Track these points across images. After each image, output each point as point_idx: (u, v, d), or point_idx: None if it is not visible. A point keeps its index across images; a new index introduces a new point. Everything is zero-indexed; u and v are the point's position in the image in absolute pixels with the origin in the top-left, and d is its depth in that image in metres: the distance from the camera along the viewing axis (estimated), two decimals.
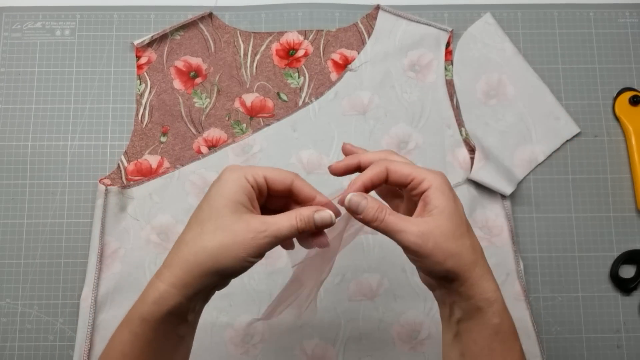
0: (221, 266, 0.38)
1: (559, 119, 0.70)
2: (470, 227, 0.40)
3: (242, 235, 0.38)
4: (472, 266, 0.38)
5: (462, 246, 0.38)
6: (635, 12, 0.74)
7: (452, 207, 0.39)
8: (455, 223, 0.38)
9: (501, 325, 0.39)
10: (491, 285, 0.39)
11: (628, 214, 0.69)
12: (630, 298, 0.67)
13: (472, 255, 0.38)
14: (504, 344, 0.39)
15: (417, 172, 0.40)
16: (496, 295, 0.39)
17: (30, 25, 0.72)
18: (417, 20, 0.72)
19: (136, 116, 0.69)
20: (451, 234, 0.38)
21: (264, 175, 0.40)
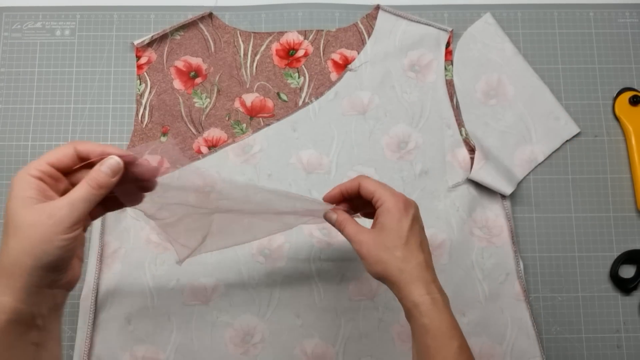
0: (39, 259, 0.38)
1: (559, 119, 0.70)
2: (414, 244, 0.48)
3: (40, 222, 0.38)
4: (398, 273, 0.47)
5: (391, 256, 0.48)
6: (635, 12, 0.74)
7: (392, 225, 0.48)
8: (390, 238, 0.48)
9: (430, 325, 0.46)
10: (418, 290, 0.47)
11: (628, 214, 0.69)
12: (630, 298, 0.67)
13: (400, 264, 0.47)
14: (435, 341, 0.46)
15: (380, 191, 0.50)
16: (423, 299, 0.46)
17: (30, 25, 0.72)
18: (417, 20, 0.72)
19: (136, 116, 0.69)
20: (383, 246, 0.48)
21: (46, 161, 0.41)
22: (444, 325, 0.46)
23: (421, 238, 0.50)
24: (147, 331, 0.63)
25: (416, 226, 0.50)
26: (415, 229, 0.49)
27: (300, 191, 0.67)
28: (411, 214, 0.49)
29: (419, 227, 0.50)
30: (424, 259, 0.48)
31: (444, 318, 0.46)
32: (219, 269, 0.65)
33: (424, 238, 0.50)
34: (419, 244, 0.49)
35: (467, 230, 0.66)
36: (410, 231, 0.48)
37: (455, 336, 0.46)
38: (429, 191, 0.67)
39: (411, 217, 0.49)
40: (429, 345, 0.46)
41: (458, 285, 0.65)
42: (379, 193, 0.50)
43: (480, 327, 0.64)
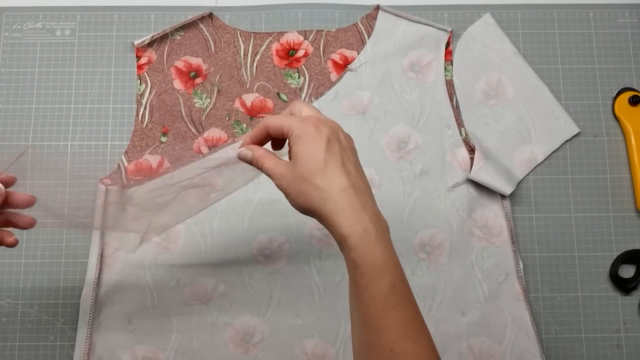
0: None
1: (559, 119, 0.70)
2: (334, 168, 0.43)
3: None
4: (322, 203, 0.43)
5: (310, 186, 0.43)
6: (634, 12, 0.74)
7: (305, 152, 0.43)
8: (306, 166, 0.43)
9: (358, 260, 0.41)
10: (345, 221, 0.42)
11: (628, 214, 0.69)
12: (630, 298, 0.67)
13: (321, 193, 0.42)
14: (364, 278, 0.41)
15: (287, 122, 0.45)
16: (351, 231, 0.42)
17: (30, 26, 0.72)
18: (417, 21, 0.72)
19: (136, 116, 0.69)
20: (301, 176, 0.43)
21: None
22: (374, 260, 0.41)
23: (344, 160, 0.43)
24: (147, 331, 0.63)
25: (334, 147, 0.43)
26: (333, 150, 0.43)
27: None
28: (325, 135, 0.43)
29: (339, 147, 0.44)
30: (349, 184, 0.43)
31: (375, 252, 0.41)
32: (219, 269, 0.65)
33: (349, 159, 0.44)
34: (341, 167, 0.43)
35: (467, 230, 0.66)
36: (327, 154, 0.43)
37: (387, 272, 0.41)
38: (429, 191, 0.67)
39: (325, 138, 0.43)
40: (358, 281, 0.42)
41: (458, 285, 0.65)
42: (286, 124, 0.44)
43: (480, 327, 0.64)
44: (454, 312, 0.64)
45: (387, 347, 0.40)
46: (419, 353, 0.41)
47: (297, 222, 0.66)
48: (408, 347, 0.40)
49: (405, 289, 0.43)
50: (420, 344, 0.41)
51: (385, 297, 0.41)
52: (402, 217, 0.67)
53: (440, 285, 0.65)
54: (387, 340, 0.41)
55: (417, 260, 0.66)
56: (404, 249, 0.66)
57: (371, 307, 0.41)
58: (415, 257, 0.66)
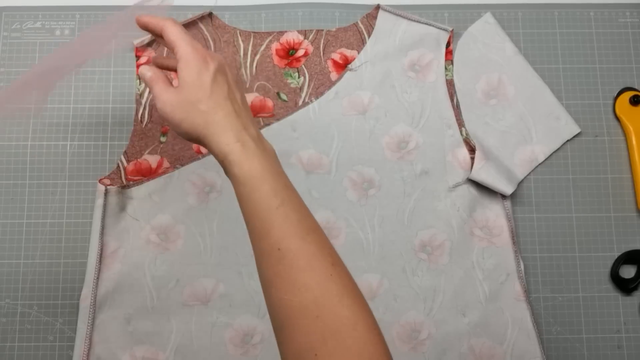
0: None
1: (560, 118, 0.70)
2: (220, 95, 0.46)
3: None
4: (205, 125, 0.45)
5: (195, 111, 0.45)
6: (635, 12, 0.74)
7: (191, 79, 0.45)
8: (192, 92, 0.45)
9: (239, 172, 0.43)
10: (227, 140, 0.44)
11: (628, 214, 0.69)
12: (631, 298, 0.67)
13: (206, 117, 0.45)
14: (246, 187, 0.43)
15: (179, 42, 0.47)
16: (231, 147, 0.44)
17: (30, 25, 0.72)
18: (418, 20, 0.72)
19: (136, 116, 0.69)
20: (187, 101, 0.45)
21: None
22: (254, 171, 0.43)
23: (229, 90, 0.47)
24: (146, 331, 0.63)
25: (221, 79, 0.47)
26: (220, 82, 0.46)
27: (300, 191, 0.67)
28: (213, 67, 0.46)
29: (225, 80, 0.47)
30: (233, 109, 0.45)
31: (254, 163, 0.43)
32: (219, 269, 0.65)
33: (235, 92, 0.47)
34: (226, 95, 0.46)
35: (467, 230, 0.66)
36: (213, 83, 0.46)
37: (267, 179, 0.43)
38: (429, 191, 0.67)
39: (213, 69, 0.46)
40: (241, 192, 0.43)
41: (458, 286, 0.65)
42: (178, 45, 0.47)
43: (480, 328, 0.64)
44: (455, 313, 0.64)
45: (275, 247, 0.41)
46: (306, 249, 0.41)
47: None
48: (294, 243, 0.41)
49: (289, 192, 0.44)
50: (308, 241, 0.42)
51: (267, 201, 0.42)
52: (403, 217, 0.67)
53: (440, 286, 0.65)
54: (273, 241, 0.42)
55: (418, 260, 0.66)
56: (404, 249, 0.66)
57: (255, 213, 0.43)
58: (416, 257, 0.66)
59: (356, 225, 0.66)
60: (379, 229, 0.66)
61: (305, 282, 0.40)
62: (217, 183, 0.67)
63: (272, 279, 0.42)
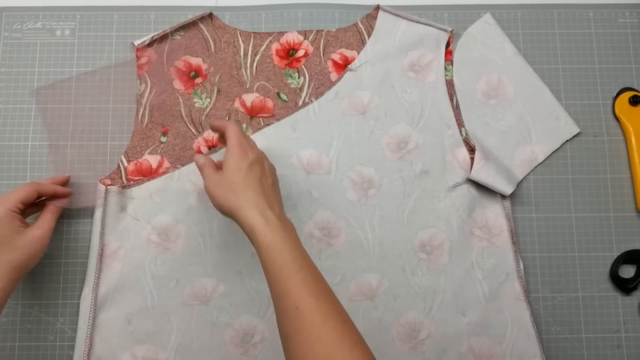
0: None
1: (559, 119, 0.70)
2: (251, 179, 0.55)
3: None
4: (236, 202, 0.53)
5: (229, 190, 0.54)
6: (635, 12, 0.74)
7: (232, 164, 0.55)
8: (231, 175, 0.55)
9: (263, 242, 0.51)
10: (253, 215, 0.52)
11: (628, 214, 0.69)
12: (630, 298, 0.67)
13: (237, 195, 0.53)
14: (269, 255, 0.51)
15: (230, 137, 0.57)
16: (256, 221, 0.52)
17: (30, 25, 0.72)
18: (417, 21, 0.72)
19: (136, 116, 0.69)
20: (225, 182, 0.55)
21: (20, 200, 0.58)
22: (276, 242, 0.51)
23: (261, 175, 0.56)
24: (147, 331, 0.63)
25: (256, 167, 0.56)
26: (254, 169, 0.55)
27: (300, 191, 0.67)
28: (251, 158, 0.56)
29: (260, 168, 0.56)
30: (262, 191, 0.54)
31: (276, 236, 0.51)
32: (219, 269, 0.65)
33: (266, 179, 0.56)
34: (258, 180, 0.55)
35: (467, 230, 0.66)
36: (248, 172, 0.55)
37: (287, 249, 0.50)
38: (429, 191, 0.67)
39: (250, 160, 0.55)
40: (265, 259, 0.51)
41: (458, 285, 0.65)
42: (229, 139, 0.57)
43: (480, 327, 0.64)
44: (455, 312, 0.64)
45: (293, 306, 0.48)
46: (322, 308, 0.48)
47: (297, 222, 0.66)
48: (311, 303, 0.48)
49: (306, 259, 0.51)
50: (323, 300, 0.49)
51: (287, 267, 0.50)
52: (402, 217, 0.67)
53: (440, 286, 0.65)
54: (292, 301, 0.48)
55: (418, 260, 0.66)
56: (404, 249, 0.66)
57: (277, 277, 0.50)
58: (416, 257, 0.66)
59: (356, 225, 0.66)
60: (379, 229, 0.66)
61: (320, 337, 0.46)
62: None
63: (291, 334, 0.48)
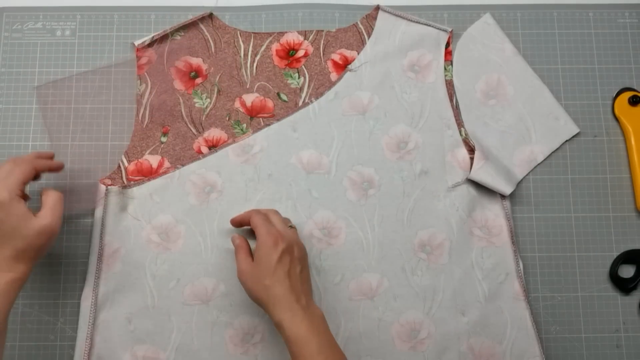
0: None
1: (559, 119, 0.70)
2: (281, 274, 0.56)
3: None
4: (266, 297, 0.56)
5: (261, 285, 0.56)
6: (634, 12, 0.74)
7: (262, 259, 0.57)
8: (261, 269, 0.57)
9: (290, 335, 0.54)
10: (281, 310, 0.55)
11: (627, 214, 0.69)
12: (630, 298, 0.67)
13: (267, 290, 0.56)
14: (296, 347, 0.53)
15: (258, 228, 0.59)
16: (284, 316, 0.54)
17: (30, 26, 0.72)
18: (417, 21, 0.72)
19: (136, 116, 0.69)
20: (256, 276, 0.57)
21: (22, 182, 0.58)
22: (301, 334, 0.53)
23: (290, 267, 0.57)
24: (147, 331, 0.63)
25: (285, 258, 0.57)
26: (284, 261, 0.57)
27: (300, 191, 0.67)
28: (280, 249, 0.57)
29: (290, 259, 0.57)
30: (289, 285, 0.56)
31: (301, 328, 0.54)
32: (220, 269, 0.65)
33: (294, 268, 0.57)
34: (287, 273, 0.56)
35: (466, 230, 0.67)
36: (278, 263, 0.56)
37: (312, 341, 0.53)
38: (429, 191, 0.67)
39: (280, 251, 0.56)
40: (293, 351, 0.54)
41: (458, 285, 0.65)
42: (257, 230, 0.58)
43: (479, 327, 0.64)
44: (454, 312, 0.65)
45: None
46: None
47: (297, 222, 0.66)
48: None
49: (333, 349, 0.54)
50: None
51: (313, 358, 0.52)
52: (402, 217, 0.67)
53: (440, 285, 0.65)
54: None
55: (417, 260, 0.66)
56: (404, 249, 0.66)
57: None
58: (415, 257, 0.66)
59: (356, 224, 0.66)
60: (379, 229, 0.66)
61: None
62: (217, 183, 0.67)
63: None
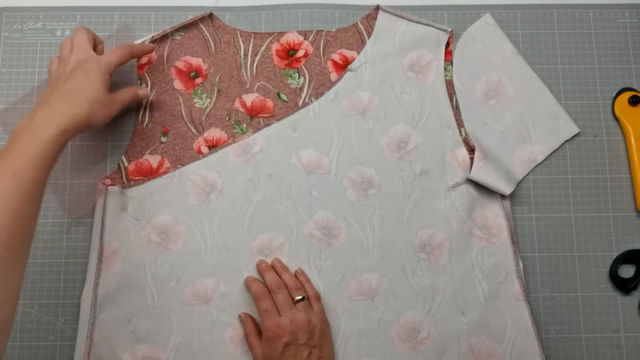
0: None
1: (559, 119, 0.70)
2: None
3: None
4: None
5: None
6: (634, 12, 0.74)
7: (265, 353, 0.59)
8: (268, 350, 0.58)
9: None
10: None
11: (627, 214, 0.69)
12: (630, 298, 0.67)
13: None
14: None
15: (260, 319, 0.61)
16: None
17: (30, 26, 0.72)
18: (417, 21, 0.72)
19: (136, 116, 0.69)
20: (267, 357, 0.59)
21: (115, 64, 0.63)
22: None
23: (296, 352, 0.58)
24: (147, 331, 0.63)
25: (289, 351, 0.58)
26: (288, 354, 0.58)
27: (300, 191, 0.67)
28: (282, 343, 0.58)
29: (295, 348, 0.58)
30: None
31: None
32: (220, 268, 0.65)
33: (301, 353, 0.58)
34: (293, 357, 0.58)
35: (466, 230, 0.67)
36: (281, 356, 0.57)
37: None
38: (429, 191, 0.67)
39: (282, 345, 0.58)
40: None
41: (458, 285, 0.65)
42: (260, 316, 0.61)
43: (479, 327, 0.64)
44: (454, 312, 0.65)
45: None
46: None
47: (297, 222, 0.66)
48: None
49: None
50: None
51: None
52: (402, 217, 0.67)
53: (440, 285, 0.65)
54: None
55: (417, 260, 0.66)
56: (404, 248, 0.66)
57: None
58: (415, 257, 0.66)
59: (356, 225, 0.66)
60: (379, 229, 0.66)
61: None
62: (217, 183, 0.67)
63: None
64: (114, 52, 0.63)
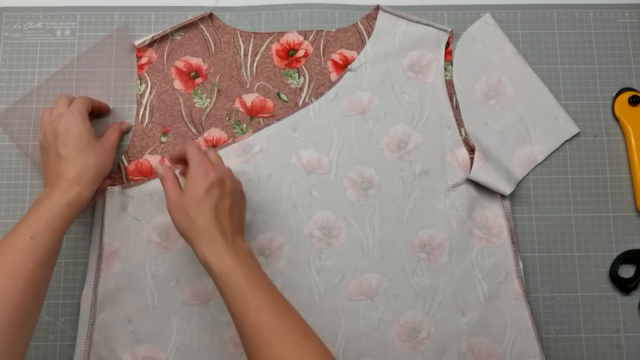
0: None
1: (559, 119, 0.70)
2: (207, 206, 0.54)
3: None
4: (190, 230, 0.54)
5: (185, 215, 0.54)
6: (634, 12, 0.74)
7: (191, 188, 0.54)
8: (188, 199, 0.54)
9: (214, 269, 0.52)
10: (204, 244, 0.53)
11: (627, 214, 0.69)
12: (630, 298, 0.67)
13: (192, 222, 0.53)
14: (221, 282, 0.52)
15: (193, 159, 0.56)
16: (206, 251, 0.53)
17: (30, 26, 0.72)
18: (417, 21, 0.72)
19: (137, 116, 0.69)
20: (182, 206, 0.54)
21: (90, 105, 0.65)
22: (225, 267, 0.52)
23: (218, 201, 0.54)
24: (147, 331, 0.63)
25: (214, 191, 0.54)
26: (212, 193, 0.54)
27: (300, 191, 0.67)
28: (210, 180, 0.54)
29: (219, 192, 0.55)
30: (214, 218, 0.53)
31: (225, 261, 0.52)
32: None
33: (222, 202, 0.55)
34: (214, 206, 0.54)
35: (466, 230, 0.67)
36: (206, 195, 0.54)
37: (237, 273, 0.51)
38: (429, 191, 0.67)
39: (209, 182, 0.54)
40: (219, 287, 0.52)
41: (458, 285, 0.65)
42: (190, 160, 0.56)
43: (480, 327, 0.64)
44: (454, 312, 0.65)
45: (252, 328, 0.49)
46: (280, 326, 0.49)
47: (297, 222, 0.66)
48: (268, 322, 0.49)
49: (260, 281, 0.52)
50: (281, 318, 0.50)
51: (240, 290, 0.51)
52: (402, 217, 0.67)
53: (440, 285, 0.65)
54: (250, 322, 0.50)
55: (417, 260, 0.66)
56: (404, 248, 0.66)
57: (232, 302, 0.51)
58: (415, 257, 0.66)
59: (356, 225, 0.66)
60: (379, 229, 0.66)
61: (281, 354, 0.48)
62: None
63: (254, 355, 0.49)
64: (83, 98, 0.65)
